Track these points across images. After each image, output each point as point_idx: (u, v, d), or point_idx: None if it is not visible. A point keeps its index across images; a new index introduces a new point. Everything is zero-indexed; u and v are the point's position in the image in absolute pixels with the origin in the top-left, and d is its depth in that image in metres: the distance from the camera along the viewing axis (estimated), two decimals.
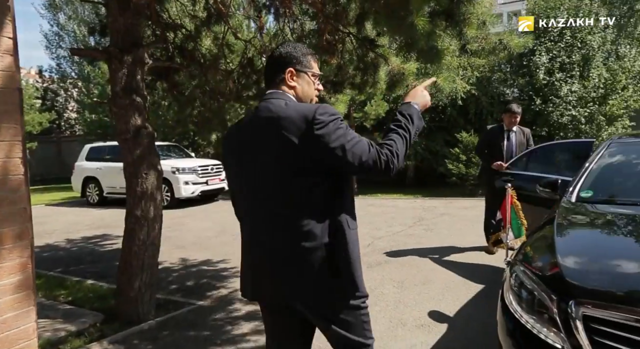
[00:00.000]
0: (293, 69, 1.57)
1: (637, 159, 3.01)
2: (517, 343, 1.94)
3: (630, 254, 1.96)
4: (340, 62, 4.45)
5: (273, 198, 1.47)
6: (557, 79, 9.83)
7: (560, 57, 9.92)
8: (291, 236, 1.44)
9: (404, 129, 1.51)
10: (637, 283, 1.72)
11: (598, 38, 9.94)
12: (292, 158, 1.41)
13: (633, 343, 1.54)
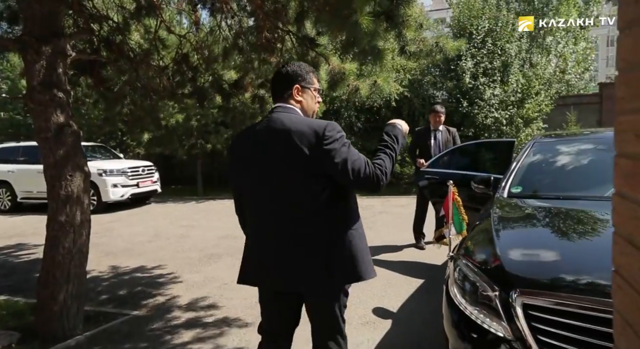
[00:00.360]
0: (299, 85, 1.78)
1: (558, 156, 3.27)
2: (463, 333, 2.01)
3: (560, 244, 2.11)
4: (280, 61, 4.39)
5: (284, 199, 1.67)
6: (481, 83, 10.50)
7: (483, 62, 10.61)
8: (299, 233, 1.66)
9: (391, 149, 1.78)
10: (568, 270, 1.85)
11: (515, 46, 10.76)
12: (302, 165, 1.63)
13: (568, 327, 1.64)
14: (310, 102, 1.83)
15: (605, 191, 2.74)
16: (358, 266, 1.71)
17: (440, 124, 5.25)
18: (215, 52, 4.61)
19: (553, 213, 2.50)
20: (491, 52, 10.74)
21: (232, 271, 4.76)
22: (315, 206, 1.66)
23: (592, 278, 1.74)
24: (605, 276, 1.72)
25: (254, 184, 1.75)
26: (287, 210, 1.68)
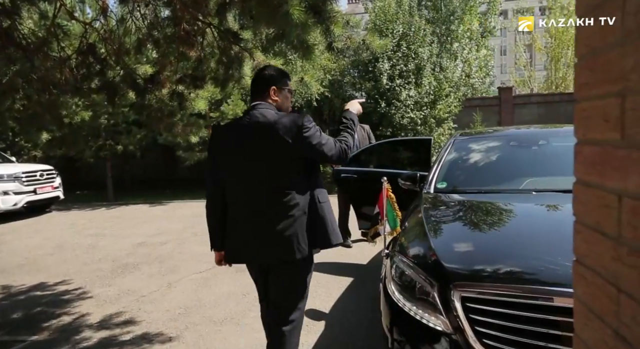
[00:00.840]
0: (275, 87, 2.08)
1: (477, 153, 3.45)
2: (402, 330, 1.99)
3: (490, 236, 2.19)
4: (201, 55, 4.13)
5: (268, 181, 1.97)
6: (397, 85, 10.95)
7: (399, 65, 11.08)
8: (284, 207, 1.96)
9: (350, 129, 2.16)
10: (501, 261, 1.91)
11: (427, 51, 11.39)
12: (284, 152, 1.94)
13: (505, 316, 1.69)
14: (284, 101, 2.14)
15: (520, 184, 2.94)
16: (329, 233, 2.07)
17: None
18: (127, 44, 4.21)
19: (479, 207, 2.61)
20: (406, 55, 11.24)
21: (151, 281, 4.39)
22: (293, 185, 1.98)
23: (524, 266, 1.81)
24: (535, 263, 1.81)
25: (239, 170, 2.01)
26: (271, 190, 1.97)
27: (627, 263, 0.66)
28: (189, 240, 6.14)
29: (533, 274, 1.75)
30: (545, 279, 1.70)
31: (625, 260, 0.66)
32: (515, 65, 21.18)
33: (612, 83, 0.68)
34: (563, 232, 2.05)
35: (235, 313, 3.47)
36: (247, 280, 4.28)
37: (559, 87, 16.08)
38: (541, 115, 12.94)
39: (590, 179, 0.76)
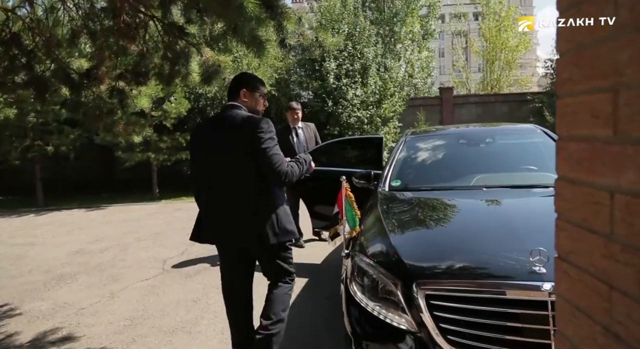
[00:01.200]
0: (246, 89, 2.33)
1: (429, 150, 3.53)
2: (366, 330, 1.97)
3: (449, 233, 2.23)
4: (143, 50, 3.89)
5: (233, 174, 2.20)
6: (344, 84, 11.04)
7: (345, 64, 11.17)
8: (248, 197, 2.20)
9: (302, 165, 2.39)
10: (463, 257, 1.94)
11: (372, 51, 11.59)
12: (243, 147, 2.16)
13: (469, 312, 1.71)
14: (254, 104, 2.37)
15: (471, 180, 3.02)
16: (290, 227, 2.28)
17: (299, 121, 5.25)
18: (59, 35, 3.87)
19: (435, 204, 2.66)
20: (352, 55, 11.37)
21: (91, 292, 4.08)
22: (254, 179, 2.19)
23: (484, 262, 1.84)
24: (494, 258, 1.85)
25: (212, 162, 2.23)
26: (235, 182, 2.20)
27: (620, 260, 0.65)
28: (132, 246, 5.79)
29: (493, 269, 1.79)
30: (506, 274, 1.74)
31: (619, 257, 0.65)
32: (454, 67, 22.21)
33: (601, 78, 0.67)
34: (517, 226, 2.13)
35: (186, 322, 3.29)
36: (197, 286, 4.11)
37: (494, 88, 17.04)
38: (479, 114, 13.63)
39: (576, 175, 0.76)
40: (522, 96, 13.96)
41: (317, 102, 11.43)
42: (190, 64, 3.69)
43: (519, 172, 3.07)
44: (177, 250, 5.39)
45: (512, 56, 16.88)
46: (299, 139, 5.22)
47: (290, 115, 5.19)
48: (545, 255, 1.72)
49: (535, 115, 12.24)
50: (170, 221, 7.36)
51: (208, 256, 5.04)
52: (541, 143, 3.29)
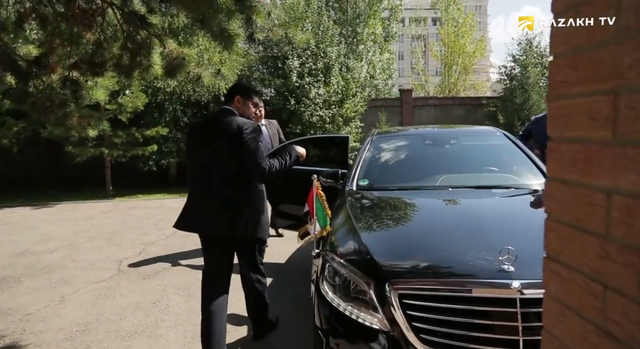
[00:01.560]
0: (240, 97, 2.65)
1: (395, 150, 3.57)
2: (337, 330, 1.95)
3: (419, 232, 2.24)
4: (100, 38, 3.68)
5: (224, 168, 2.44)
6: (306, 83, 11.02)
7: (308, 63, 11.15)
8: (233, 190, 2.44)
9: (285, 161, 2.62)
10: (433, 256, 1.96)
11: (335, 50, 11.64)
12: (230, 147, 2.42)
13: (441, 310, 1.73)
14: (246, 110, 2.70)
15: (437, 181, 3.08)
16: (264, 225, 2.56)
17: (262, 118, 5.27)
18: (3, 18, 3.59)
19: (404, 204, 2.68)
20: (315, 53, 11.36)
21: (39, 296, 3.82)
22: (238, 176, 2.46)
23: (455, 261, 1.87)
24: (466, 258, 1.88)
25: (204, 158, 2.50)
26: (220, 177, 2.45)
27: (617, 261, 0.66)
28: (84, 246, 5.48)
29: (464, 268, 1.82)
30: (476, 272, 1.77)
31: (615, 258, 0.66)
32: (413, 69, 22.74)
33: (601, 81, 0.68)
34: (484, 226, 2.18)
35: (145, 325, 3.15)
36: (156, 287, 3.94)
37: (452, 92, 17.60)
38: (437, 116, 14.02)
39: (569, 177, 0.76)
40: (477, 99, 14.50)
41: (280, 100, 11.33)
42: (152, 56, 3.53)
43: (482, 173, 3.16)
44: (133, 250, 5.17)
45: (469, 61, 17.52)
46: (264, 136, 5.18)
47: (252, 110, 5.18)
48: (513, 254, 1.76)
49: (489, 118, 12.74)
50: (126, 220, 7.05)
51: (167, 255, 4.86)
52: (501, 145, 3.41)
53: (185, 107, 11.13)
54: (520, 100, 11.72)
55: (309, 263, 4.48)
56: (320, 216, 2.30)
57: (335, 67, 11.58)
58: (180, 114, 11.04)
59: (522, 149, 3.31)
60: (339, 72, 11.78)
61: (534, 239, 2.03)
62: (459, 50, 16.88)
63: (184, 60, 3.26)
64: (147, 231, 6.18)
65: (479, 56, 18.07)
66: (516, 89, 12.13)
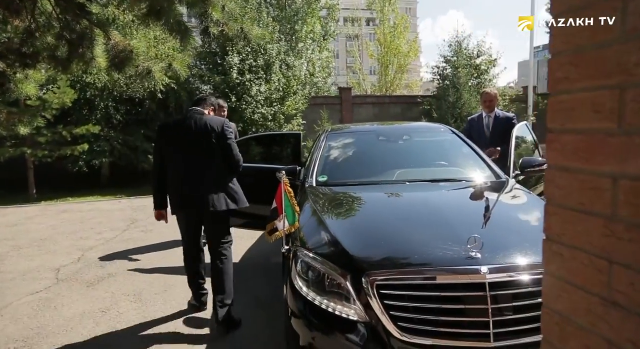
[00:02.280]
0: (208, 105, 3.17)
1: (350, 147, 3.63)
2: (314, 324, 1.96)
3: (387, 225, 2.31)
4: (31, 26, 3.38)
5: (205, 157, 2.93)
6: (247, 80, 10.85)
7: (249, 60, 10.99)
8: (212, 175, 2.93)
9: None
10: (404, 247, 2.03)
11: (275, 48, 11.57)
12: (212, 140, 2.91)
13: (417, 299, 1.81)
14: (215, 115, 3.33)
15: (393, 175, 3.19)
16: (241, 198, 3.07)
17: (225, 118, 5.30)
18: None
19: (368, 198, 2.75)
20: (255, 50, 11.22)
21: None
22: (218, 164, 2.96)
23: (427, 250, 1.95)
24: (434, 247, 1.97)
25: (182, 150, 2.94)
26: (203, 165, 2.93)
27: (624, 238, 0.74)
28: (11, 256, 4.99)
29: (436, 257, 1.91)
30: (448, 261, 1.87)
31: (622, 235, 0.74)
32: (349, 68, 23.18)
33: (605, 77, 0.76)
34: (447, 216, 2.30)
35: (97, 335, 2.95)
36: (104, 294, 3.69)
37: (389, 91, 18.19)
38: (376, 114, 14.44)
39: (572, 164, 0.84)
40: (413, 98, 15.13)
41: (219, 97, 11.05)
42: (95, 49, 3.30)
43: (435, 168, 3.32)
44: (71, 257, 4.80)
45: (404, 61, 18.23)
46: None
47: (219, 112, 5.15)
48: (480, 242, 1.88)
49: (425, 116, 13.36)
50: (57, 225, 6.51)
51: (110, 261, 4.57)
52: (450, 141, 3.61)
53: (118, 104, 10.50)
54: (454, 99, 12.40)
55: (265, 261, 4.44)
56: (289, 213, 2.29)
57: (276, 65, 11.52)
58: (113, 112, 10.40)
59: (469, 145, 3.53)
60: (280, 70, 11.74)
61: (495, 228, 2.19)
62: (395, 51, 17.52)
63: (132, 54, 3.08)
64: (84, 235, 5.77)
65: (414, 56, 18.90)
66: (449, 88, 12.82)
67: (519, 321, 1.75)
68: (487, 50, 13.66)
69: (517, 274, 1.81)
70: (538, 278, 1.82)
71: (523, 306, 1.77)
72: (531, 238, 2.05)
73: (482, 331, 1.73)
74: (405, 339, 1.75)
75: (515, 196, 2.73)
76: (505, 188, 2.85)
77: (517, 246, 1.98)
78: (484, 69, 13.46)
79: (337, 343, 1.89)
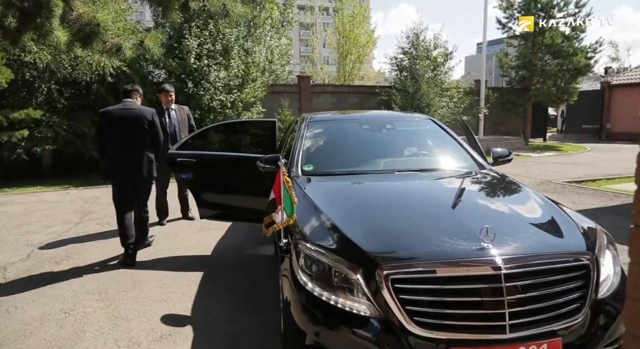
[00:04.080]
0: (138, 94, 4.10)
1: (332, 135, 3.52)
2: (321, 320, 1.86)
3: (392, 217, 2.24)
4: None
5: (137, 142, 3.90)
6: (205, 65, 10.38)
7: (207, 44, 10.51)
8: (142, 157, 3.91)
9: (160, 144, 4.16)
10: (415, 239, 1.96)
11: (234, 32, 11.15)
12: (143, 125, 3.89)
13: (431, 292, 1.75)
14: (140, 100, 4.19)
15: (379, 165, 3.13)
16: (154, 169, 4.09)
17: (172, 103, 5.32)
18: None
19: (362, 188, 2.67)
20: (212, 34, 10.75)
21: None
22: (146, 144, 3.93)
23: (440, 242, 1.89)
24: (446, 239, 1.91)
25: (119, 134, 3.83)
26: (135, 145, 3.87)
27: None
28: None
29: (449, 249, 1.85)
30: (462, 252, 1.83)
31: None
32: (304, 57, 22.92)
33: None
34: (451, 206, 2.27)
35: (62, 340, 2.66)
36: (63, 294, 3.36)
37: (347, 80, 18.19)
38: (334, 103, 14.41)
39: None
40: (371, 88, 15.24)
41: (175, 82, 10.52)
42: (52, 20, 2.93)
43: (420, 157, 3.29)
44: (18, 254, 4.35)
45: (362, 51, 18.28)
46: (171, 120, 5.28)
47: (164, 97, 5.26)
48: (492, 232, 1.85)
49: (383, 106, 13.49)
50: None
51: (66, 256, 4.20)
52: (432, 130, 3.60)
53: (62, 87, 9.68)
54: (413, 90, 12.60)
55: (239, 252, 4.25)
56: (287, 204, 2.15)
57: (234, 50, 11.11)
58: (57, 95, 9.58)
59: (450, 135, 3.53)
60: (238, 55, 11.34)
61: (501, 217, 2.18)
62: (353, 40, 17.50)
63: (99, 28, 2.77)
64: (31, 229, 5.26)
65: (371, 47, 18.98)
66: (407, 79, 13.01)
67: (531, 311, 1.74)
68: (443, 43, 13.97)
69: (529, 264, 1.80)
70: (550, 267, 1.82)
71: (535, 296, 1.76)
72: (536, 227, 2.06)
73: (497, 323, 1.71)
74: (422, 333, 1.69)
75: (506, 185, 2.74)
76: (495, 177, 2.87)
77: (526, 235, 1.98)
78: (440, 61, 13.77)
79: (347, 339, 1.79)
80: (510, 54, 16.21)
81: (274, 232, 2.36)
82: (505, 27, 16.08)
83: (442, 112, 12.85)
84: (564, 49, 14.82)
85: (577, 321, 1.77)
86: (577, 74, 15.26)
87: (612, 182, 8.01)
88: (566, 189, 7.33)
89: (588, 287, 1.84)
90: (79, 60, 9.60)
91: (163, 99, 5.20)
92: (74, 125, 9.84)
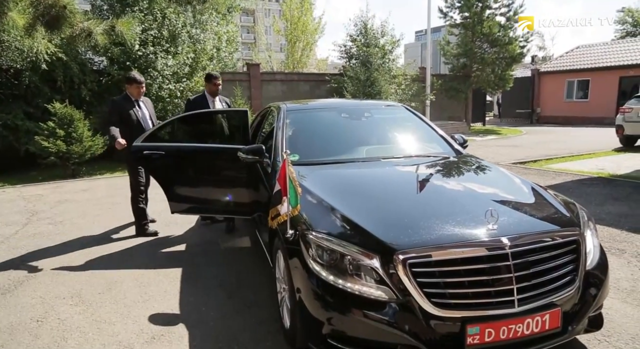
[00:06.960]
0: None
1: (313, 124, 3.51)
2: (339, 308, 1.87)
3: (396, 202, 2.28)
4: None
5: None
6: (151, 52, 9.86)
7: (152, 29, 9.96)
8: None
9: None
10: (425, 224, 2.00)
11: (182, 17, 10.65)
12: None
13: (447, 274, 1.82)
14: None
15: (362, 153, 3.17)
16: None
17: (142, 95, 4.72)
18: None
19: (357, 176, 2.70)
20: (157, 20, 10.20)
21: None
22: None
23: (450, 225, 1.96)
24: (455, 222, 1.99)
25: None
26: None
27: None
28: None
29: (459, 231, 1.93)
30: (472, 234, 1.91)
31: None
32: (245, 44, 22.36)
33: None
34: (449, 190, 2.35)
35: (74, 320, 2.47)
36: (30, 301, 3.12)
37: (296, 67, 18.04)
38: (284, 91, 14.28)
39: None
40: (321, 76, 15.26)
41: (118, 70, 9.90)
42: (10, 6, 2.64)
43: (400, 144, 3.37)
44: None
45: (311, 38, 18.18)
46: (143, 112, 4.61)
47: (136, 89, 4.55)
48: (495, 214, 1.95)
49: (333, 93, 13.57)
50: None
51: (22, 260, 3.86)
52: (408, 118, 3.69)
53: None
54: (364, 77, 12.76)
55: (214, 246, 4.13)
56: (292, 195, 2.12)
57: (182, 36, 10.63)
58: None
59: (425, 121, 3.64)
60: (186, 43, 10.86)
61: (498, 199, 2.29)
62: (302, 28, 17.35)
63: (65, 10, 2.54)
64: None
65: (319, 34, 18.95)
66: (358, 66, 13.15)
67: (535, 285, 1.87)
68: (390, 31, 14.25)
69: (531, 242, 1.92)
70: (548, 243, 1.96)
71: (537, 271, 1.89)
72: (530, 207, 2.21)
73: (507, 298, 1.82)
74: (440, 314, 1.77)
75: (488, 168, 2.89)
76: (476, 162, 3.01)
77: (524, 215, 2.11)
78: (388, 49, 14.04)
79: (365, 324, 1.83)
80: (451, 42, 16.89)
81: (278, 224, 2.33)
82: (447, 16, 16.72)
83: (392, 99, 13.18)
84: (500, 38, 15.70)
85: (571, 291, 1.93)
86: (513, 62, 16.25)
87: (551, 162, 8.68)
88: (514, 170, 7.83)
89: (579, 260, 2.00)
90: (6, 45, 8.74)
91: (134, 91, 4.59)
92: (4, 117, 8.98)
